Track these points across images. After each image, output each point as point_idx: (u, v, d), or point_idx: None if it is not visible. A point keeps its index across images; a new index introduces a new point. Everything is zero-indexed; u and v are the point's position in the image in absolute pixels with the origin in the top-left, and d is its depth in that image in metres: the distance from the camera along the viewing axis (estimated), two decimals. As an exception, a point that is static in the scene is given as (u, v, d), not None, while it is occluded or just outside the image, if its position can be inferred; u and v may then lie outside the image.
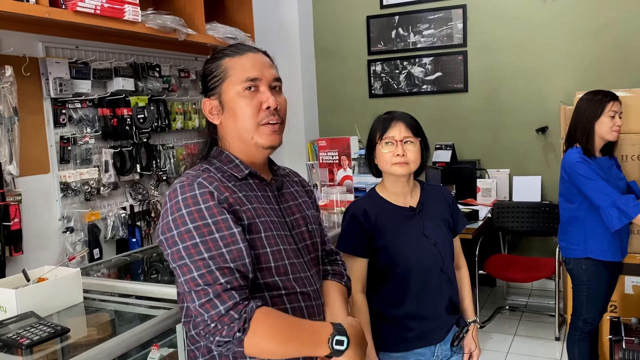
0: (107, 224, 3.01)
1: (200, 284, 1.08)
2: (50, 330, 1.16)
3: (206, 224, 1.11)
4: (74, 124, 2.83)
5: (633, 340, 2.17)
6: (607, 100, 2.55)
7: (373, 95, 4.75)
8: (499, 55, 4.32)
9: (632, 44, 3.91)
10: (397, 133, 1.72)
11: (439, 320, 1.79)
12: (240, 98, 1.23)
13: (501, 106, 4.37)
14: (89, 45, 2.89)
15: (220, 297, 1.07)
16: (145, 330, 1.19)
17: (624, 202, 2.38)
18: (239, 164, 1.26)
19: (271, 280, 1.18)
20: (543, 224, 3.98)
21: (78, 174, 2.81)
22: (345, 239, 1.78)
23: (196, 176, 1.18)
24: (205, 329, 1.08)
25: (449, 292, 1.80)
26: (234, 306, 1.06)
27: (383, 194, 1.82)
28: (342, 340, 1.12)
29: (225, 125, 1.27)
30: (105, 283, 1.50)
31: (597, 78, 3.95)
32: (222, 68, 1.25)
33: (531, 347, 3.50)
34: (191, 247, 1.09)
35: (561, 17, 4.10)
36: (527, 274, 3.71)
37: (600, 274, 2.61)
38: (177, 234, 1.11)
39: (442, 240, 1.79)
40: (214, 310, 1.06)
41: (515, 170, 4.32)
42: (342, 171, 2.63)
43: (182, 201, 1.13)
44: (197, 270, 1.08)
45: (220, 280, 1.07)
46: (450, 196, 1.90)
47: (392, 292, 1.77)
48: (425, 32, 4.52)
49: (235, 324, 1.05)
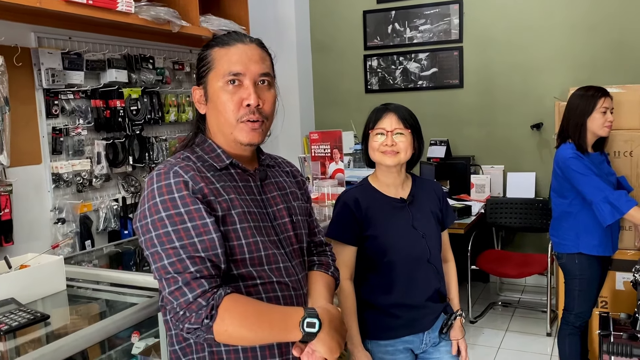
0: (99, 215, 3.01)
1: (170, 271, 1.08)
2: (30, 317, 1.16)
3: (178, 212, 1.11)
4: (66, 115, 2.82)
5: (621, 335, 2.17)
6: (599, 96, 2.56)
7: (369, 91, 4.74)
8: (495, 51, 4.32)
9: (626, 41, 3.91)
10: (388, 124, 1.75)
11: (426, 309, 1.81)
12: (222, 92, 1.22)
13: (496, 102, 4.37)
14: (82, 36, 2.88)
15: (189, 285, 1.07)
16: (126, 318, 1.19)
17: (616, 197, 2.40)
18: (221, 153, 1.25)
19: (245, 270, 1.18)
20: (536, 220, 3.98)
21: (70, 165, 2.81)
22: (336, 226, 1.82)
23: (174, 164, 1.17)
24: (175, 317, 1.09)
25: (435, 283, 1.83)
26: (202, 294, 1.07)
27: (375, 184, 1.85)
28: (314, 322, 1.11)
29: (209, 116, 1.28)
30: (89, 272, 1.50)
31: (592, 74, 3.94)
32: (210, 58, 1.24)
33: (523, 342, 3.50)
34: (163, 235, 1.10)
35: (556, 13, 4.10)
36: (520, 270, 3.71)
37: (592, 269, 2.63)
38: (151, 221, 1.12)
39: (430, 233, 1.82)
40: (183, 298, 1.07)
41: (510, 167, 4.32)
42: (334, 164, 2.63)
43: (156, 189, 1.13)
44: (167, 258, 1.09)
45: (190, 268, 1.08)
46: (441, 191, 1.94)
47: (379, 280, 1.80)
48: (421, 28, 4.51)
49: (203, 311, 1.06)
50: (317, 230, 1.47)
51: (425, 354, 1.88)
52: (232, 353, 1.17)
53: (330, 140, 2.62)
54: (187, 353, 1.20)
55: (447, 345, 1.89)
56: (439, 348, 1.87)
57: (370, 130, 1.80)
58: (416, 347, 1.85)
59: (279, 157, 1.46)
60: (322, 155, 2.65)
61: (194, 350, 1.20)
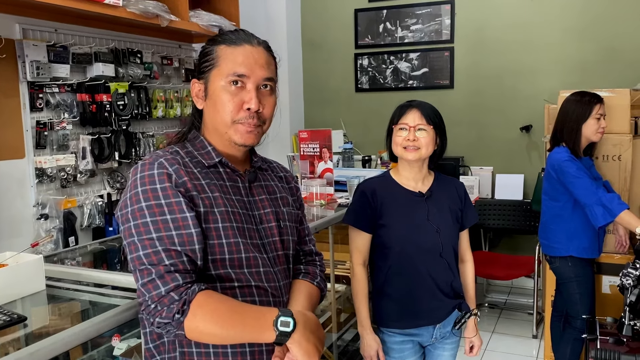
0: (83, 211, 2.96)
1: (145, 263, 1.06)
2: (5, 319, 1.12)
3: (159, 204, 1.09)
4: (51, 109, 2.77)
5: (608, 340, 2.17)
6: (594, 102, 2.58)
7: (359, 89, 4.72)
8: (486, 52, 4.32)
9: (615, 46, 3.93)
10: (411, 120, 1.80)
11: (437, 302, 1.84)
12: (224, 91, 1.20)
13: (486, 103, 4.37)
14: (69, 28, 2.83)
15: (162, 278, 1.05)
16: (106, 320, 1.15)
17: (609, 199, 2.42)
18: (211, 151, 1.23)
19: (224, 271, 1.15)
20: (524, 222, 3.99)
21: (54, 160, 2.76)
22: (352, 212, 1.89)
23: (160, 156, 1.16)
24: (146, 310, 1.06)
25: (447, 277, 1.86)
26: (175, 288, 1.04)
27: (396, 177, 1.91)
28: (288, 321, 1.08)
29: (205, 112, 1.26)
30: (69, 271, 1.46)
31: (582, 78, 3.96)
32: (215, 55, 1.22)
33: (509, 344, 3.51)
34: (141, 225, 1.08)
35: (548, 17, 4.10)
36: (507, 272, 3.71)
37: (586, 270, 2.67)
38: (130, 211, 1.10)
39: (445, 228, 1.85)
40: (155, 291, 1.05)
41: (499, 168, 4.33)
42: (323, 164, 2.61)
43: (139, 179, 1.12)
44: (143, 250, 1.07)
45: (165, 261, 1.06)
46: (463, 190, 1.97)
47: (392, 270, 1.84)
48: (412, 27, 4.50)
49: (175, 305, 1.03)
50: (308, 239, 1.43)
51: (432, 346, 1.93)
52: (204, 355, 1.14)
53: (320, 139, 2.60)
54: (161, 352, 1.18)
55: (453, 343, 1.93)
56: (444, 344, 1.91)
57: (394, 125, 1.85)
58: (425, 340, 1.90)
59: (274, 162, 1.43)
60: (311, 154, 2.62)
61: (167, 350, 1.17)
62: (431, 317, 1.85)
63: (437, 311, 1.85)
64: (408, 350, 1.88)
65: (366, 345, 1.85)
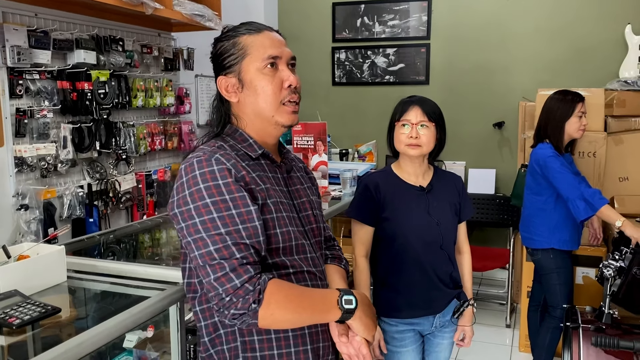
0: (63, 202, 2.87)
1: (216, 258, 1.08)
2: (41, 310, 1.09)
3: (224, 199, 1.10)
4: (31, 96, 2.67)
5: (589, 327, 2.28)
6: (577, 101, 2.70)
7: (336, 83, 4.74)
8: (461, 49, 4.41)
9: (586, 46, 4.08)
10: (414, 116, 1.83)
11: (437, 292, 1.90)
12: (262, 75, 1.22)
13: (460, 100, 4.47)
14: (50, 13, 2.73)
15: (236, 270, 1.07)
16: (143, 311, 1.14)
17: (591, 194, 2.52)
18: (253, 143, 1.25)
19: (279, 259, 1.19)
20: (497, 216, 4.11)
21: (34, 148, 2.67)
22: (355, 206, 1.93)
23: (213, 152, 1.16)
24: (219, 303, 1.08)
25: (448, 268, 1.92)
26: (249, 279, 1.07)
27: (397, 172, 1.94)
28: (351, 299, 1.14)
29: (243, 104, 1.26)
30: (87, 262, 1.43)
31: (554, 77, 4.10)
32: (241, 45, 1.24)
33: (483, 334, 3.62)
34: (208, 221, 1.09)
35: (522, 16, 4.23)
36: (482, 263, 3.82)
37: (566, 261, 2.78)
38: (194, 207, 1.10)
39: (445, 221, 1.90)
40: (230, 284, 1.06)
41: (471, 163, 4.44)
42: (317, 157, 2.62)
43: (199, 176, 1.12)
44: (213, 245, 1.08)
45: (237, 255, 1.08)
46: (461, 184, 2.04)
47: (393, 261, 1.89)
48: (390, 23, 4.55)
49: (250, 296, 1.06)
50: (325, 225, 1.49)
51: (431, 335, 1.99)
52: (265, 342, 1.17)
53: (314, 132, 2.61)
54: (216, 344, 1.20)
55: (452, 332, 2.01)
56: (444, 332, 1.99)
57: (396, 122, 1.88)
58: (425, 329, 1.96)
59: (292, 153, 1.47)
60: (304, 147, 2.63)
61: (224, 341, 1.19)
62: (432, 307, 1.91)
63: (438, 301, 1.91)
64: (409, 339, 1.93)
65: None
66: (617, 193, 3.23)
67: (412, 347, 1.93)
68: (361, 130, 4.50)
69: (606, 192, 3.10)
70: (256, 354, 1.17)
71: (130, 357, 1.64)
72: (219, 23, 3.49)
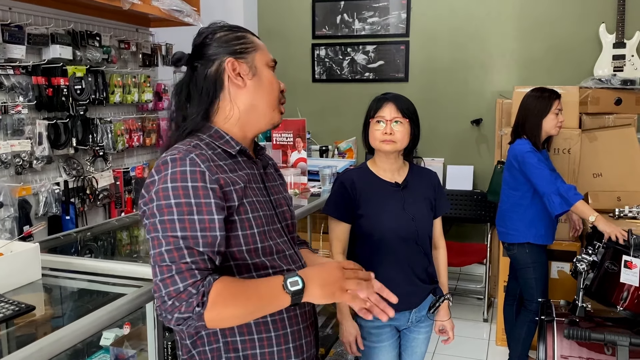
0: (39, 199, 2.83)
1: (166, 259, 1.05)
2: (14, 308, 1.07)
3: (188, 202, 1.08)
4: (5, 92, 2.63)
5: (563, 321, 2.32)
6: (554, 98, 2.74)
7: (316, 80, 4.75)
8: (440, 47, 4.45)
9: (561, 44, 4.15)
10: (388, 113, 1.85)
11: (413, 287, 1.92)
12: (272, 74, 1.27)
13: (439, 97, 4.50)
14: (24, 7, 2.68)
15: (182, 274, 1.04)
16: (119, 308, 1.13)
17: (566, 190, 2.57)
18: (230, 139, 1.22)
19: (259, 260, 1.18)
20: (474, 211, 4.16)
21: (8, 145, 2.63)
22: (332, 203, 1.94)
23: (188, 151, 1.13)
24: (162, 306, 1.04)
25: (423, 264, 1.94)
26: (192, 283, 1.04)
27: (373, 169, 1.96)
28: (296, 280, 1.07)
29: (246, 92, 1.23)
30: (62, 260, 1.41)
31: (530, 74, 4.16)
32: (251, 40, 1.27)
33: (460, 328, 3.65)
34: (167, 221, 1.07)
35: (500, 15, 4.28)
36: (460, 259, 3.87)
37: (541, 256, 2.83)
38: (157, 206, 1.08)
39: (420, 217, 1.92)
40: (173, 287, 1.03)
41: (449, 160, 4.49)
42: (296, 153, 2.62)
43: (170, 174, 1.09)
44: (166, 246, 1.06)
45: (186, 259, 1.05)
46: (437, 180, 2.05)
47: (369, 257, 1.89)
48: (369, 20, 4.56)
49: (194, 299, 1.03)
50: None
51: (407, 330, 2.01)
52: (248, 342, 1.16)
53: (294, 129, 2.60)
54: (198, 345, 1.18)
55: (428, 326, 2.03)
56: (420, 327, 2.00)
57: (370, 118, 1.90)
58: (401, 324, 1.97)
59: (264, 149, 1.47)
60: (284, 143, 2.63)
61: (206, 342, 1.17)
62: (408, 302, 1.92)
63: (414, 296, 1.93)
64: (385, 334, 1.95)
65: (345, 332, 1.90)
66: (591, 189, 3.30)
67: (389, 343, 1.95)
68: (341, 127, 4.52)
69: (580, 188, 3.16)
70: (239, 354, 1.16)
71: (107, 355, 1.63)
72: (197, 19, 3.46)
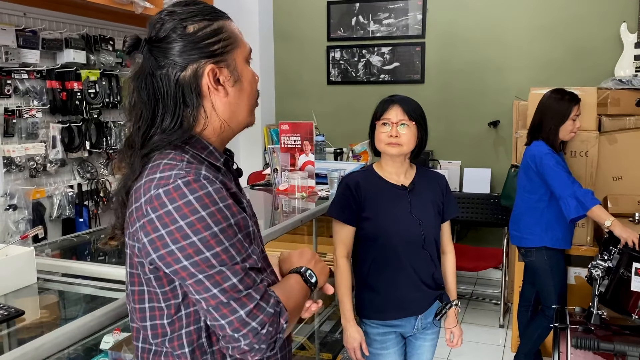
0: (52, 202, 2.88)
1: (242, 290, 0.94)
2: (3, 312, 1.08)
3: (229, 225, 0.95)
4: (19, 96, 2.68)
5: (577, 328, 2.26)
6: (574, 104, 2.68)
7: (331, 82, 4.73)
8: (456, 48, 4.39)
9: (581, 45, 4.05)
10: (394, 115, 1.82)
11: (419, 293, 1.87)
12: (251, 72, 1.10)
13: (455, 99, 4.44)
14: (39, 12, 2.73)
15: (264, 297, 0.96)
16: (108, 313, 1.12)
17: (583, 194, 2.51)
18: (213, 150, 1.06)
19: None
20: (491, 215, 4.09)
21: (23, 148, 2.68)
22: (336, 206, 1.90)
23: (196, 169, 0.97)
24: (254, 339, 0.94)
25: (430, 269, 1.89)
26: (275, 303, 0.98)
27: (378, 171, 1.93)
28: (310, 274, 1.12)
29: (229, 100, 1.06)
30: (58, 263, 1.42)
31: (548, 76, 4.07)
32: (229, 33, 1.06)
33: (477, 333, 3.60)
34: (222, 252, 0.93)
35: (517, 15, 4.20)
36: (475, 263, 3.80)
37: (560, 261, 2.77)
38: (200, 240, 0.92)
39: (427, 221, 1.88)
40: (263, 314, 0.95)
41: (466, 162, 4.41)
42: (304, 156, 2.61)
43: (195, 200, 0.93)
44: (235, 276, 0.94)
45: (258, 280, 0.97)
46: (445, 183, 2.00)
47: (374, 262, 1.87)
48: (385, 22, 4.53)
49: (282, 316, 0.98)
50: None
51: (413, 337, 1.97)
52: None
53: (301, 132, 2.59)
54: None
55: (434, 333, 1.98)
56: (426, 335, 1.96)
57: (376, 121, 1.87)
58: (407, 331, 1.93)
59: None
60: (292, 146, 2.62)
61: None
62: (413, 308, 1.89)
63: (419, 302, 1.89)
64: (390, 341, 1.91)
65: (349, 337, 1.87)
66: (611, 192, 3.21)
67: (394, 350, 1.91)
68: (356, 129, 4.46)
69: (599, 191, 3.08)
70: None
71: (106, 359, 1.64)
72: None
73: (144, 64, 1.06)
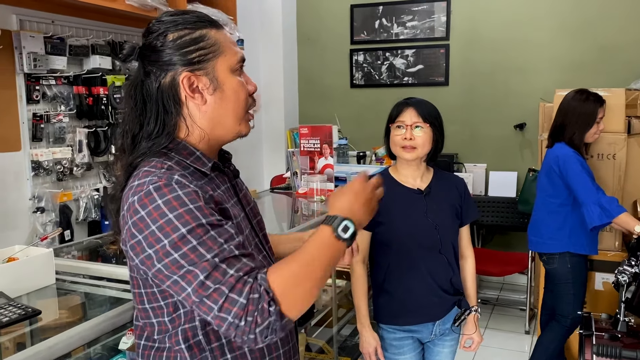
0: (79, 205, 2.93)
1: (211, 286, 0.93)
2: (21, 312, 1.11)
3: (200, 224, 0.95)
4: (47, 101, 2.74)
5: (603, 335, 2.20)
6: (598, 106, 2.61)
7: (354, 85, 4.73)
8: (481, 50, 4.34)
9: (609, 45, 3.97)
10: (408, 118, 1.81)
11: (436, 298, 1.86)
12: (236, 81, 1.10)
13: (481, 101, 4.39)
14: (66, 20, 2.80)
15: (234, 288, 0.93)
16: (120, 315, 1.15)
17: (608, 201, 2.44)
18: (201, 156, 1.08)
19: None
20: (517, 219, 4.03)
21: (50, 152, 2.74)
22: None
23: (170, 174, 1.00)
24: (238, 332, 0.93)
25: (447, 274, 1.87)
26: (250, 289, 0.93)
27: (394, 175, 1.91)
28: (345, 225, 1.00)
29: (207, 108, 1.08)
30: (78, 265, 1.45)
31: (575, 77, 3.99)
32: (212, 41, 1.07)
33: (501, 340, 3.55)
34: (189, 252, 0.94)
35: (543, 15, 4.13)
36: (501, 268, 3.75)
37: (582, 269, 2.69)
38: (169, 242, 0.94)
39: (444, 225, 1.86)
40: (236, 306, 0.92)
41: (492, 165, 4.36)
42: (323, 160, 2.61)
43: (163, 204, 0.95)
44: (203, 273, 0.93)
45: (230, 271, 0.94)
46: (463, 186, 1.97)
47: (391, 267, 1.86)
48: (408, 24, 4.51)
49: (262, 302, 0.92)
50: None
51: (431, 343, 1.95)
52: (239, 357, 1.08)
53: (321, 135, 2.60)
54: None
55: (453, 340, 1.95)
56: (444, 341, 1.93)
57: (391, 124, 1.86)
58: (424, 337, 1.91)
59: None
60: (311, 149, 2.63)
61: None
62: (430, 314, 1.87)
63: (436, 308, 1.87)
64: (407, 347, 1.90)
65: (365, 342, 1.86)
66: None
67: (411, 355, 1.89)
68: (379, 132, 4.41)
69: (628, 195, 3.00)
70: None
71: (124, 359, 1.66)
72: (234, 28, 3.51)
73: (137, 70, 1.11)
